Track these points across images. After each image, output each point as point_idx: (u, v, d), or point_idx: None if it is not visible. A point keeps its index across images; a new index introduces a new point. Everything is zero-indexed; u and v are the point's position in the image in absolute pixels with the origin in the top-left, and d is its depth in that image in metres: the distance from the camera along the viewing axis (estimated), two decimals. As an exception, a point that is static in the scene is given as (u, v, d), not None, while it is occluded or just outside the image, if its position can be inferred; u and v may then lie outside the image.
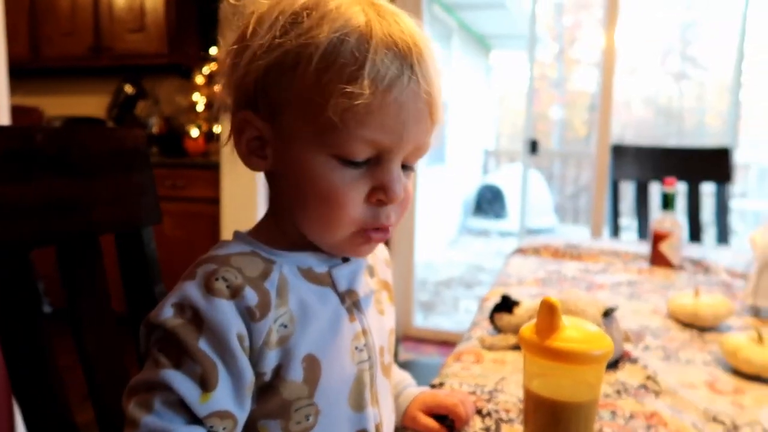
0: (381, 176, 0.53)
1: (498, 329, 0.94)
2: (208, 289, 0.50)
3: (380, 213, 0.54)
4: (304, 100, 0.50)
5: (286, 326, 0.53)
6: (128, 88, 3.29)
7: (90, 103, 3.52)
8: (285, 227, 0.58)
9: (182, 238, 2.90)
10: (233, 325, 0.50)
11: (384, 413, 0.62)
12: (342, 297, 0.58)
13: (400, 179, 0.54)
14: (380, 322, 0.63)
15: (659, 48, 8.51)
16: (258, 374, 0.52)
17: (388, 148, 0.52)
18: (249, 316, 0.51)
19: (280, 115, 0.52)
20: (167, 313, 0.50)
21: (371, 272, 0.64)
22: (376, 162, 0.53)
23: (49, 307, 0.90)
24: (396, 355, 1.51)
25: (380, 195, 0.53)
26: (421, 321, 3.47)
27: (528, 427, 0.58)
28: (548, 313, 0.55)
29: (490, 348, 0.88)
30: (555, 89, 9.24)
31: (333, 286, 0.58)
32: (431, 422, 0.68)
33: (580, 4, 8.53)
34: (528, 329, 0.56)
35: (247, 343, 0.51)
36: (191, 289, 0.50)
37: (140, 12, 3.14)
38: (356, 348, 0.58)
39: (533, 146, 3.03)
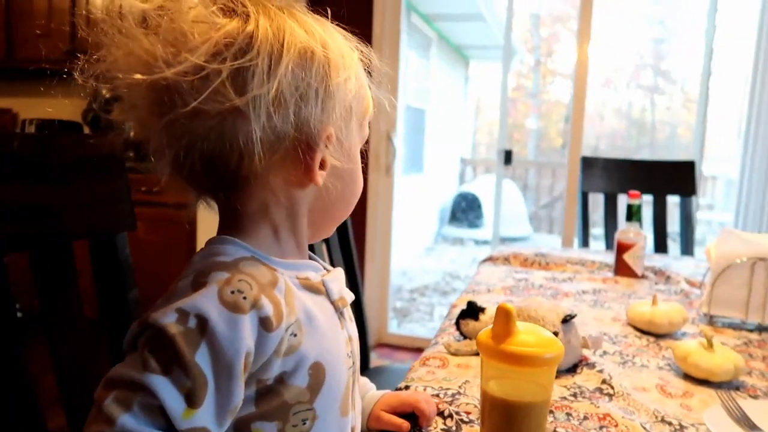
0: None
1: (464, 335, 0.97)
2: (225, 303, 0.49)
3: None
4: (360, 110, 0.61)
5: (295, 335, 0.54)
6: (104, 92, 3.27)
7: (66, 106, 3.48)
8: (289, 237, 0.59)
9: (157, 243, 2.89)
10: (245, 344, 0.49)
11: (357, 417, 0.65)
12: (335, 305, 0.61)
13: None
14: (354, 332, 0.65)
15: (633, 62, 8.71)
16: (259, 380, 0.53)
17: None
18: (264, 327, 0.51)
19: (347, 123, 0.59)
20: (170, 317, 0.48)
21: (346, 283, 0.68)
22: None
23: (19, 312, 0.90)
24: (368, 361, 1.53)
25: None
26: (395, 328, 3.50)
27: (484, 426, 0.61)
28: (504, 318, 0.58)
29: (455, 353, 0.92)
30: (531, 100, 9.39)
31: (327, 294, 0.61)
32: (395, 419, 0.71)
33: (556, 16, 8.69)
34: (485, 334, 0.59)
35: (252, 358, 0.51)
36: (205, 301, 0.49)
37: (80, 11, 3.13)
38: (347, 355, 0.61)
39: (507, 156, 3.09)
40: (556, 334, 0.82)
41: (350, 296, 0.65)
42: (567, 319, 0.85)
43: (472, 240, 6.79)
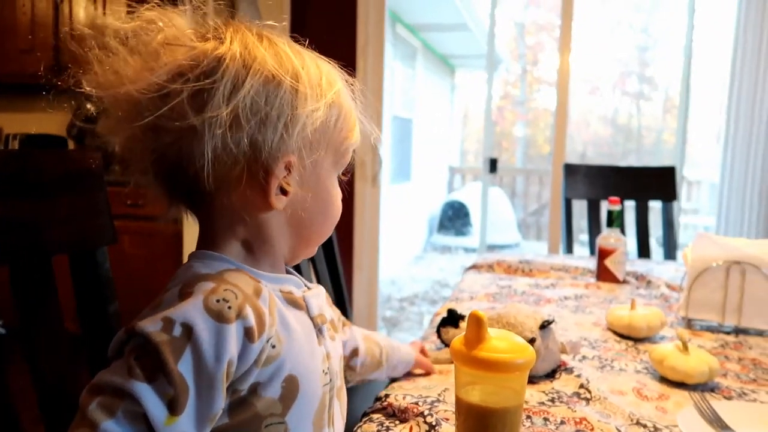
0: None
1: (444, 343, 0.98)
2: (210, 312, 0.51)
3: None
4: (336, 140, 0.62)
5: (274, 346, 0.55)
6: (89, 106, 3.27)
7: (50, 120, 3.47)
8: (270, 254, 0.62)
9: (143, 256, 2.88)
10: (228, 351, 0.50)
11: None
12: (314, 321, 0.63)
13: None
14: (334, 348, 0.66)
15: (618, 69, 8.82)
16: (234, 390, 0.54)
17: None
18: (248, 337, 0.52)
19: (314, 151, 0.60)
20: (156, 326, 0.49)
21: (327, 300, 0.69)
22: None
23: (2, 329, 0.90)
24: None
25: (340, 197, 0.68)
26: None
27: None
28: (475, 325, 0.59)
29: (435, 361, 0.92)
30: (519, 108, 9.47)
31: (307, 310, 0.63)
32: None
33: (541, 25, 8.80)
34: (458, 341, 0.60)
35: (234, 368, 0.52)
36: (191, 309, 0.50)
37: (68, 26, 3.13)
38: (323, 371, 0.62)
39: (493, 164, 3.11)
40: (533, 340, 0.83)
41: (330, 314, 0.67)
42: (545, 325, 0.86)
43: (461, 248, 6.81)
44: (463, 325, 0.96)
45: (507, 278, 1.57)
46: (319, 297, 0.65)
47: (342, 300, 1.51)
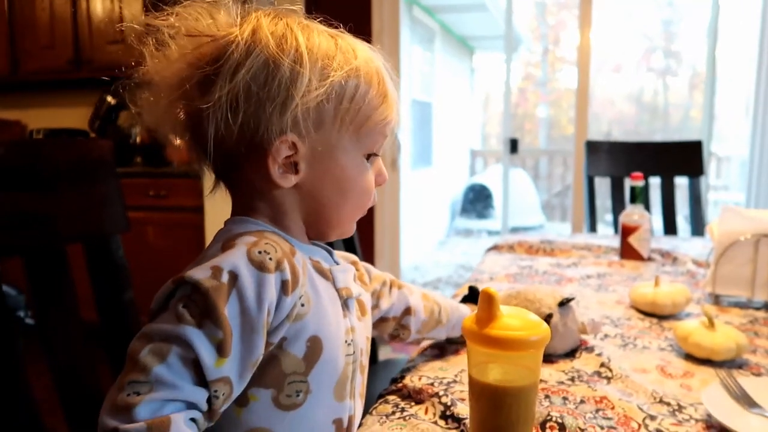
0: (378, 165, 0.67)
1: None
2: (253, 262, 0.54)
3: (375, 194, 0.68)
4: (351, 118, 0.61)
5: (303, 305, 0.58)
6: (110, 99, 3.30)
7: (72, 115, 3.52)
8: (291, 229, 0.63)
9: (166, 247, 2.91)
10: (268, 299, 0.53)
11: (357, 407, 0.67)
12: (339, 293, 0.64)
13: None
14: (359, 326, 0.67)
15: (643, 45, 8.60)
16: (267, 344, 0.55)
17: (383, 142, 0.66)
18: (283, 290, 0.55)
19: (324, 133, 0.60)
20: (205, 273, 0.52)
21: (354, 279, 0.69)
22: (376, 156, 0.66)
23: (31, 320, 0.91)
24: (376, 355, 1.53)
25: (380, 179, 0.67)
26: (409, 322, 3.50)
27: (473, 412, 0.60)
28: (487, 303, 0.57)
29: (450, 341, 0.91)
30: (541, 88, 9.32)
31: (333, 281, 0.64)
32: None
33: (562, 4, 8.61)
34: (469, 319, 0.59)
35: (272, 317, 0.54)
36: (235, 257, 0.53)
37: (119, 23, 3.16)
38: (346, 342, 0.63)
39: (513, 145, 3.06)
40: (550, 316, 0.81)
41: (358, 291, 0.68)
42: (564, 303, 0.84)
43: (484, 231, 6.76)
44: None
45: (528, 258, 1.54)
46: (346, 273, 0.67)
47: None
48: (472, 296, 0.97)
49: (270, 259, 0.54)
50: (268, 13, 0.60)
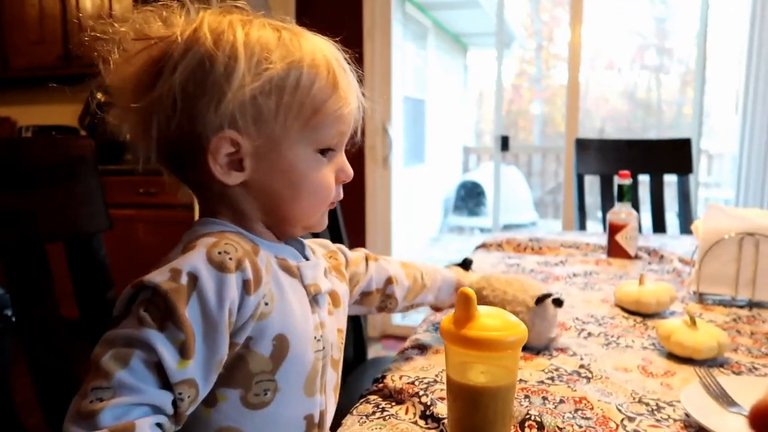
0: (340, 161, 0.66)
1: None
2: (212, 263, 0.54)
3: (340, 191, 0.67)
4: (295, 111, 0.59)
5: (267, 303, 0.58)
6: (100, 96, 3.28)
7: (62, 112, 3.50)
8: (251, 227, 0.63)
9: (156, 244, 2.90)
10: (228, 299, 0.53)
11: (329, 402, 0.67)
12: (307, 289, 0.64)
13: None
14: (330, 321, 0.68)
15: (636, 42, 8.62)
16: (233, 344, 0.55)
17: (345, 137, 0.65)
18: (245, 289, 0.55)
19: (266, 127, 0.59)
20: (163, 276, 0.52)
21: (325, 274, 0.69)
22: (334, 152, 0.65)
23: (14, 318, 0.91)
24: (365, 353, 1.53)
25: (342, 176, 0.66)
26: (399, 320, 3.50)
27: (451, 412, 0.60)
28: (464, 303, 0.57)
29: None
30: (535, 85, 9.33)
31: (300, 278, 0.64)
32: None
33: (556, 0, 8.61)
34: (447, 320, 0.59)
35: (234, 317, 0.54)
36: (194, 259, 0.53)
37: (109, 19, 3.14)
38: (315, 338, 0.63)
39: (504, 143, 3.07)
40: (526, 311, 0.83)
41: (328, 286, 0.68)
42: (540, 300, 0.84)
43: (477, 228, 6.77)
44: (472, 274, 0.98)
45: (516, 256, 1.54)
46: (315, 268, 0.67)
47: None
48: (463, 264, 1.01)
49: (230, 259, 0.54)
50: (214, 11, 0.60)
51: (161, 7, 0.60)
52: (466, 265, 1.01)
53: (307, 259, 0.67)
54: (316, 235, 0.71)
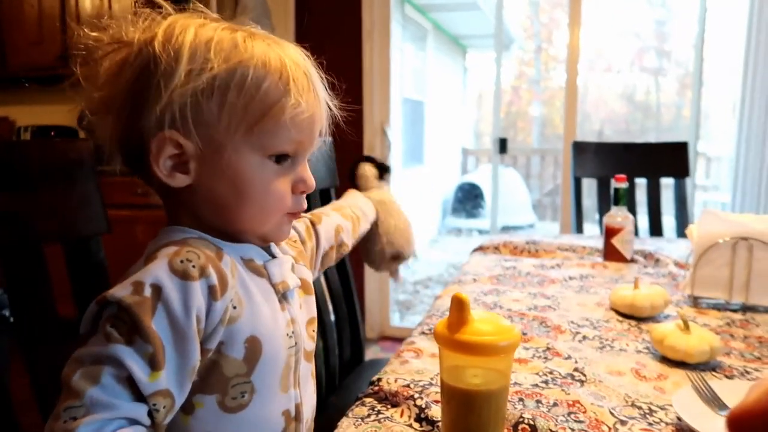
0: (300, 171, 0.64)
1: (355, 182, 1.17)
2: (175, 272, 0.53)
3: (301, 201, 0.66)
4: (240, 112, 0.58)
5: (235, 307, 0.58)
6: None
7: (61, 112, 3.50)
8: (216, 232, 0.63)
9: (155, 245, 2.91)
10: (194, 306, 0.53)
11: (304, 395, 0.68)
12: (275, 288, 0.65)
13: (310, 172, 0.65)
14: (301, 313, 0.69)
15: (635, 45, 8.63)
16: (205, 350, 0.56)
17: (304, 146, 0.63)
18: (211, 295, 0.55)
19: (208, 129, 0.58)
20: (126, 290, 0.52)
21: (293, 268, 0.70)
22: (293, 160, 0.63)
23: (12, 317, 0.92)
24: (362, 355, 1.53)
25: (302, 186, 0.64)
26: (397, 321, 3.50)
27: (444, 415, 0.61)
28: (458, 308, 0.58)
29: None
30: (534, 87, 9.34)
31: (268, 277, 0.65)
32: None
33: (555, 2, 8.63)
34: (441, 324, 0.59)
35: (203, 324, 0.54)
36: (156, 270, 0.53)
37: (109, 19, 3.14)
38: (287, 335, 0.64)
39: (503, 145, 3.07)
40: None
41: (296, 281, 0.68)
42: (383, 170, 0.95)
43: (475, 230, 6.78)
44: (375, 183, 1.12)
45: (512, 259, 1.55)
46: (282, 265, 0.67)
47: (347, 282, 1.50)
48: (369, 158, 1.14)
49: (193, 266, 0.54)
50: (183, 16, 0.60)
51: (148, 12, 0.61)
52: (383, 169, 1.11)
53: (274, 257, 0.67)
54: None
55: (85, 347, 0.51)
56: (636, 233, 1.66)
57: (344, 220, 0.93)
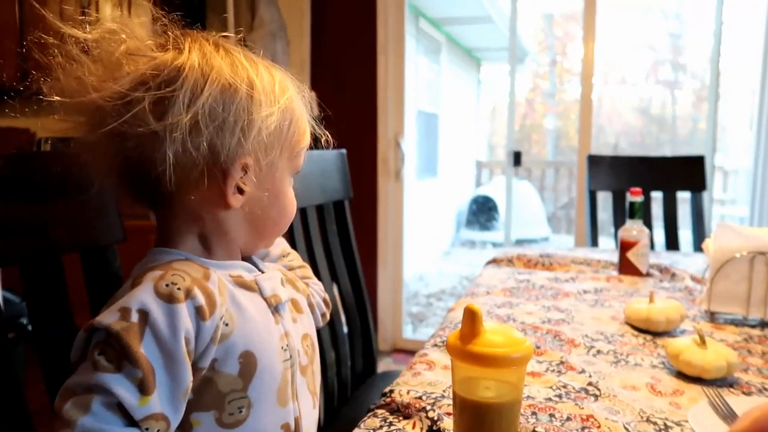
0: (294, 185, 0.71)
1: None
2: (161, 296, 0.54)
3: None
4: (289, 143, 0.66)
5: (227, 324, 0.59)
6: (55, 115, 3.33)
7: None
8: (227, 247, 0.65)
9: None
10: (182, 329, 0.54)
11: (303, 408, 0.68)
12: (268, 301, 0.66)
13: None
14: (295, 328, 0.69)
15: (651, 57, 8.60)
16: (197, 369, 0.56)
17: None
18: (199, 316, 0.55)
19: (269, 156, 0.63)
20: (113, 317, 0.53)
21: (283, 283, 0.71)
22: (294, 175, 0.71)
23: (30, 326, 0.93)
24: (374, 367, 1.53)
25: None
26: (410, 333, 3.49)
27: (456, 427, 0.61)
28: (470, 319, 0.58)
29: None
30: (549, 100, 9.34)
31: (259, 291, 0.66)
32: None
33: (569, 15, 8.64)
34: (453, 336, 0.59)
35: (193, 345, 0.55)
36: (142, 295, 0.54)
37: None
38: (282, 348, 0.65)
39: (517, 158, 3.07)
40: None
41: (288, 295, 0.70)
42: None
43: (489, 243, 6.75)
44: None
45: (526, 272, 1.54)
46: (272, 280, 0.68)
47: (360, 293, 1.50)
48: None
49: (179, 289, 0.55)
50: (204, 37, 0.61)
51: (144, 20, 0.61)
52: None
53: (262, 272, 0.69)
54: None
55: (75, 376, 0.52)
56: (651, 247, 1.65)
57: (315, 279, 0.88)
